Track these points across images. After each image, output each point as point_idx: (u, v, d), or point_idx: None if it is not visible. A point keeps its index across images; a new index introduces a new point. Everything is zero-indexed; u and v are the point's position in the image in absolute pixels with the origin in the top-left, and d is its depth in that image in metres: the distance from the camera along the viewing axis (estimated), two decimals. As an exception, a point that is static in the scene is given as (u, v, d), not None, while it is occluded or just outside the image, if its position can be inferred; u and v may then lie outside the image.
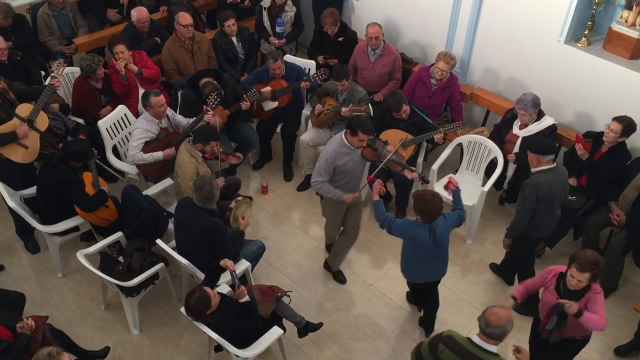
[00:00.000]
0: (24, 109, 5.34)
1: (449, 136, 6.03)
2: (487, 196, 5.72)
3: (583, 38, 5.66)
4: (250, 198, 5.40)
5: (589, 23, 5.62)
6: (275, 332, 4.47)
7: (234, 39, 6.80)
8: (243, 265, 4.96)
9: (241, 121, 6.28)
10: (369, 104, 6.16)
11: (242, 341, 4.35)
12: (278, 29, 7.04)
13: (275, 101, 6.26)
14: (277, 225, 6.17)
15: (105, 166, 5.99)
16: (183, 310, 4.26)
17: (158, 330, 5.18)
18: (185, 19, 6.42)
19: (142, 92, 5.94)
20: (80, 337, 4.97)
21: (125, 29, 6.81)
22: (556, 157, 5.69)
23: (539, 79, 6.06)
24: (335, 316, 5.32)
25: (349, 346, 5.10)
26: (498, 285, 5.60)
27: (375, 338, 5.16)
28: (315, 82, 6.26)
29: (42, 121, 5.43)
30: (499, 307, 3.54)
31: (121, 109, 6.00)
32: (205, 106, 5.64)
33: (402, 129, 5.73)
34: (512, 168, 5.78)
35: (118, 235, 5.14)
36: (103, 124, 5.83)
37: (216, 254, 4.59)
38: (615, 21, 5.51)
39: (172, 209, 5.28)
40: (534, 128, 5.49)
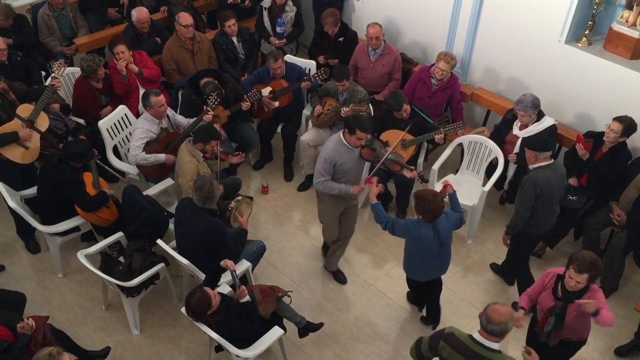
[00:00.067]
0: (25, 110, 5.35)
1: (450, 136, 6.03)
2: (488, 196, 5.72)
3: (583, 38, 5.66)
4: (250, 198, 5.40)
5: (590, 23, 5.61)
6: (275, 332, 4.47)
7: (235, 39, 6.80)
8: (244, 265, 4.96)
9: (241, 121, 6.29)
10: (370, 104, 6.16)
11: (243, 341, 4.35)
12: (278, 29, 7.04)
13: (275, 101, 6.26)
14: (278, 225, 6.17)
15: (105, 166, 5.99)
16: (183, 310, 4.27)
17: (159, 330, 5.18)
18: (185, 19, 6.43)
19: (143, 92, 5.95)
20: (80, 337, 4.97)
21: (125, 29, 6.82)
22: (556, 157, 5.71)
23: (540, 79, 6.06)
24: (335, 316, 5.32)
25: (350, 346, 5.10)
26: (499, 285, 5.60)
27: (375, 338, 5.16)
28: (315, 82, 6.25)
29: (43, 121, 5.44)
30: (500, 304, 3.52)
31: (122, 109, 6.00)
32: (205, 106, 5.64)
33: (403, 129, 5.72)
34: (513, 168, 5.77)
35: (118, 235, 5.14)
36: (103, 124, 5.84)
37: (217, 254, 4.60)
38: (615, 21, 5.51)
39: (173, 209, 5.28)
40: (534, 129, 5.48)
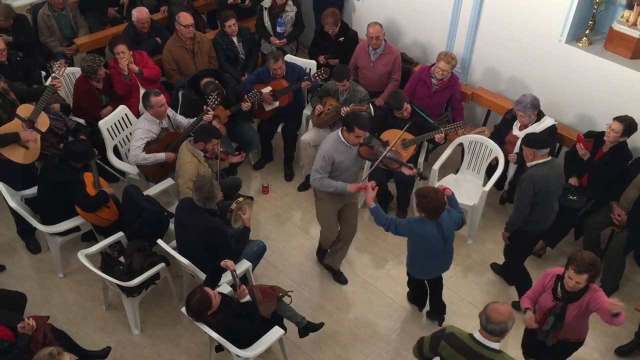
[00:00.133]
0: (25, 110, 5.35)
1: (450, 136, 6.03)
2: (488, 196, 5.72)
3: (584, 38, 5.66)
4: (251, 198, 5.40)
5: (590, 23, 5.61)
6: (276, 332, 4.47)
7: (235, 39, 6.80)
8: (244, 265, 4.96)
9: (242, 121, 6.28)
10: (370, 104, 6.16)
11: (243, 341, 4.35)
12: (279, 29, 7.04)
13: (276, 101, 6.26)
14: (278, 225, 6.16)
15: (106, 166, 5.99)
16: (184, 310, 4.27)
17: (159, 330, 5.18)
18: (186, 19, 6.43)
19: (143, 92, 5.95)
20: (81, 337, 4.97)
21: (126, 29, 6.82)
22: (557, 157, 5.71)
23: (540, 79, 6.06)
24: (336, 316, 5.32)
25: (350, 346, 5.10)
26: (499, 285, 5.60)
27: (376, 338, 5.16)
28: (316, 82, 6.25)
29: (43, 121, 5.44)
30: (500, 304, 3.52)
31: (122, 109, 6.00)
32: (205, 106, 5.64)
33: (403, 129, 5.72)
34: (513, 168, 5.77)
35: (119, 235, 5.14)
36: (104, 124, 5.84)
37: (217, 254, 4.60)
38: (616, 21, 5.50)
39: (173, 209, 5.27)
40: (534, 129, 5.47)
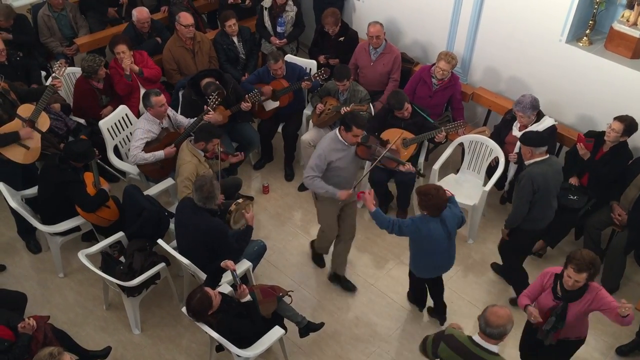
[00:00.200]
0: (26, 110, 5.35)
1: (450, 136, 6.03)
2: (489, 196, 5.71)
3: (584, 37, 5.66)
4: (251, 198, 5.40)
5: (590, 22, 5.61)
6: (276, 332, 4.47)
7: (235, 39, 6.80)
8: (244, 265, 4.96)
9: (242, 121, 6.28)
10: (370, 104, 6.16)
11: (244, 341, 4.35)
12: (279, 29, 7.04)
13: (276, 101, 6.26)
14: (279, 225, 6.16)
15: (106, 166, 5.99)
16: (184, 310, 4.27)
17: (159, 330, 5.18)
18: (186, 19, 6.43)
19: (143, 92, 5.95)
20: (81, 337, 4.97)
21: (126, 29, 6.82)
22: (557, 157, 5.71)
23: (541, 79, 6.06)
24: (336, 316, 5.32)
25: (350, 346, 5.09)
26: (499, 284, 5.60)
27: (376, 338, 5.16)
28: (316, 82, 6.25)
29: (44, 121, 5.44)
30: (499, 307, 3.52)
31: (122, 109, 6.00)
32: (205, 106, 5.64)
33: (404, 129, 5.72)
34: (513, 168, 5.77)
35: (119, 235, 5.14)
36: (104, 124, 5.84)
37: (217, 254, 4.60)
38: (616, 20, 5.50)
39: (173, 209, 5.27)
40: (534, 129, 5.47)
